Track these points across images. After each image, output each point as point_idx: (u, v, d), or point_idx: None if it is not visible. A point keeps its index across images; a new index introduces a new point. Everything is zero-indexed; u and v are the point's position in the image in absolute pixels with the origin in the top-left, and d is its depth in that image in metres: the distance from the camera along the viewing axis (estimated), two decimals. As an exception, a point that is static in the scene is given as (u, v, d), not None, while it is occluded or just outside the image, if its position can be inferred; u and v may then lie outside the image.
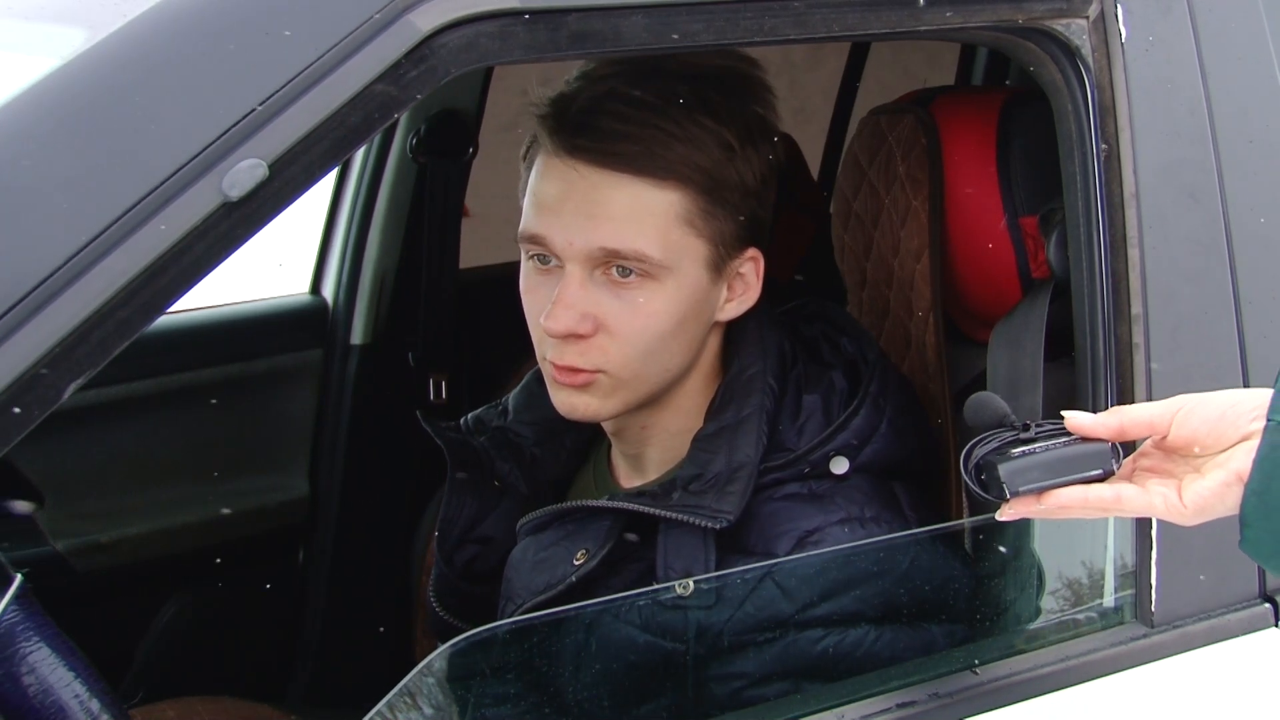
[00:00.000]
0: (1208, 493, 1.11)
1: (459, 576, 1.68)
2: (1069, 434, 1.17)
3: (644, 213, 1.40)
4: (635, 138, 1.40)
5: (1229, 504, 1.11)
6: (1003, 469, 1.15)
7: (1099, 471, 1.15)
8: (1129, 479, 1.17)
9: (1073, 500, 1.16)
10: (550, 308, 1.42)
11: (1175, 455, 1.16)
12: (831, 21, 1.25)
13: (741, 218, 1.46)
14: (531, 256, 1.47)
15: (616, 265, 1.41)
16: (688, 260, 1.43)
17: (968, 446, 1.19)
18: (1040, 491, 1.15)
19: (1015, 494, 1.15)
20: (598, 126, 1.40)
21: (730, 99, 1.45)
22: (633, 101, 1.40)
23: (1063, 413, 1.18)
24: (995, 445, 1.18)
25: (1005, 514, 1.18)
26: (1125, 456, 1.18)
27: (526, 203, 1.47)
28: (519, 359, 2.02)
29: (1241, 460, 1.09)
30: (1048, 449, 1.16)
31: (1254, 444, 1.08)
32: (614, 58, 1.42)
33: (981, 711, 1.32)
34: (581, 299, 1.42)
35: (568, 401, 1.47)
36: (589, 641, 1.33)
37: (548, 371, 1.48)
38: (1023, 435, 1.18)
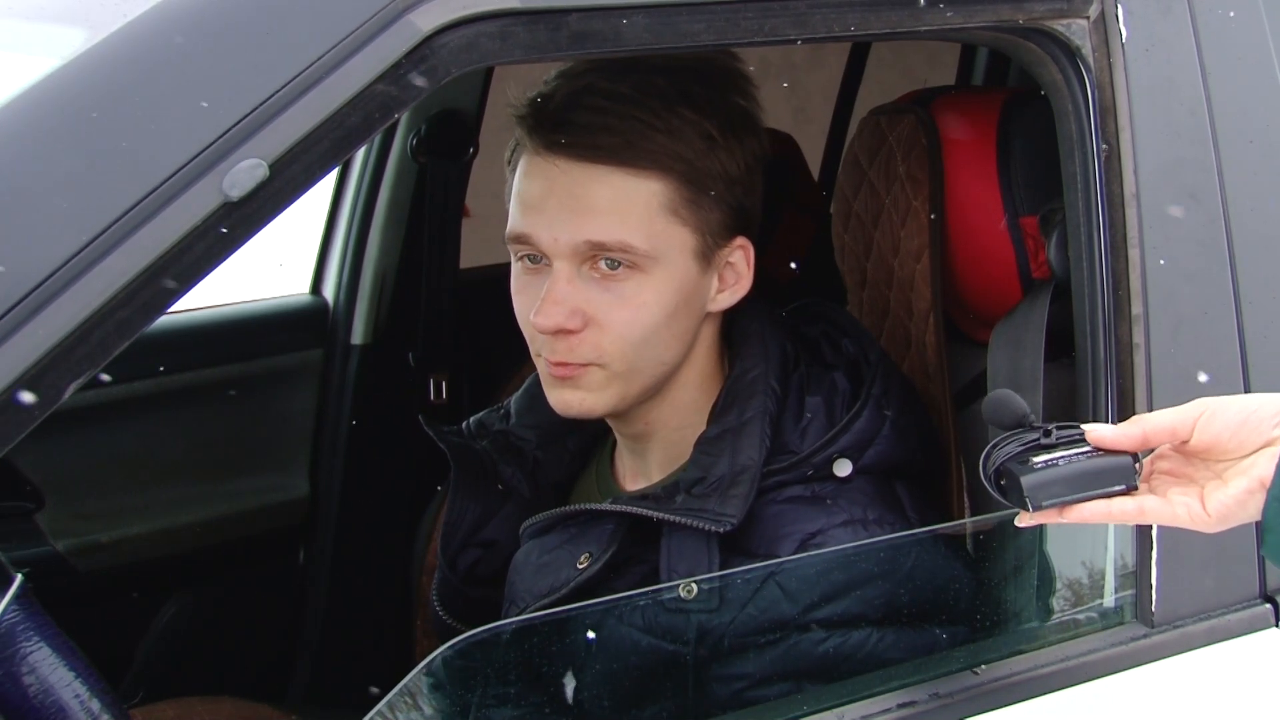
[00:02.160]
0: (1231, 500, 1.10)
1: (462, 580, 1.68)
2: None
3: (627, 204, 1.41)
4: (614, 129, 1.40)
5: (1251, 511, 1.10)
6: (1026, 482, 1.13)
7: (1122, 487, 1.14)
8: (1147, 480, 1.16)
9: (1096, 513, 1.15)
10: (539, 304, 1.42)
11: (1195, 459, 1.15)
12: (832, 22, 1.25)
13: (727, 207, 1.46)
14: (520, 257, 1.47)
15: (604, 258, 1.42)
16: (674, 250, 1.44)
17: (987, 449, 1.18)
18: (1063, 505, 1.15)
19: (1039, 508, 1.14)
20: (576, 121, 1.41)
21: (710, 91, 1.46)
22: (610, 95, 1.41)
23: (1083, 426, 1.16)
24: (1015, 450, 1.16)
25: (1025, 521, 1.17)
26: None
27: (512, 204, 1.47)
28: (519, 359, 2.02)
29: (1265, 466, 1.09)
30: (1070, 460, 1.14)
31: (1277, 449, 1.08)
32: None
33: (982, 711, 1.32)
34: (570, 295, 1.42)
35: (562, 398, 1.47)
36: (591, 643, 1.33)
37: (542, 369, 1.49)
38: (1043, 441, 1.16)
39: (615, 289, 1.43)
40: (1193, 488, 1.14)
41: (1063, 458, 1.15)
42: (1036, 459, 1.15)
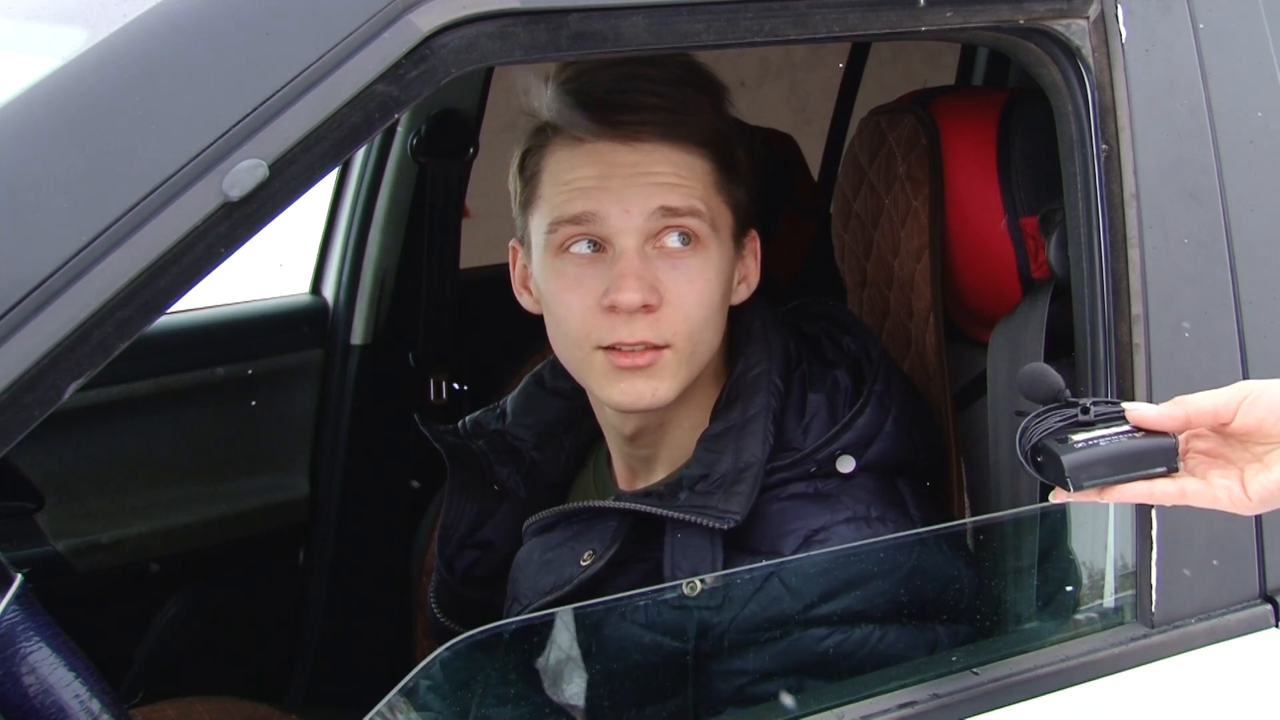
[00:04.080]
0: (1273, 484, 1.11)
1: (459, 582, 1.67)
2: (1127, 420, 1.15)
3: (689, 175, 1.44)
4: (667, 109, 1.43)
5: None
6: (1068, 461, 1.12)
7: (1164, 469, 1.14)
8: (1182, 459, 1.16)
9: (1136, 494, 1.15)
10: (617, 282, 1.41)
11: (1233, 441, 1.15)
12: (832, 22, 1.25)
13: (747, 193, 1.50)
14: (568, 248, 1.45)
15: (675, 232, 1.43)
16: (723, 228, 1.47)
17: (1024, 422, 1.17)
18: (1104, 486, 1.14)
19: (1080, 488, 1.13)
20: (629, 103, 1.43)
21: (711, 84, 1.50)
22: (653, 78, 1.44)
23: (1124, 404, 1.16)
24: (1054, 426, 1.15)
25: (1060, 498, 1.17)
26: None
27: (556, 196, 1.45)
28: (519, 359, 2.03)
29: None
30: (1111, 441, 1.13)
31: None
32: None
33: (982, 712, 1.32)
34: (645, 271, 1.42)
35: (633, 390, 1.44)
36: (593, 641, 1.33)
37: (601, 365, 1.45)
38: (1081, 418, 1.15)
39: (682, 266, 1.43)
40: (1231, 470, 1.14)
41: (1104, 437, 1.13)
42: (1076, 437, 1.14)
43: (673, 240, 1.43)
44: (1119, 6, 1.37)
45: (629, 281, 1.40)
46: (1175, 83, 1.40)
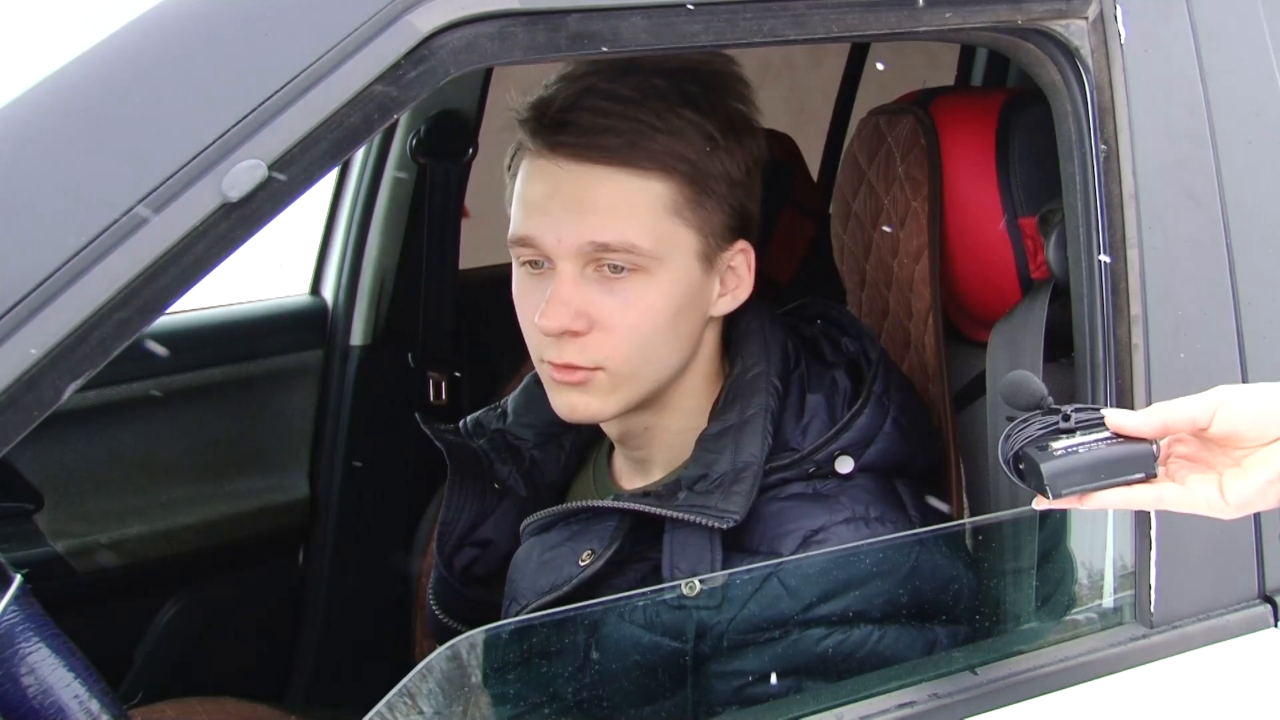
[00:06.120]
0: (1251, 490, 1.12)
1: (458, 580, 1.68)
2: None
3: (631, 204, 1.41)
4: (617, 130, 1.40)
5: (1271, 499, 1.12)
6: (1046, 469, 1.14)
7: (1142, 475, 1.15)
8: (1164, 464, 1.17)
9: (1115, 500, 1.16)
10: (544, 306, 1.42)
11: (1213, 446, 1.16)
12: (831, 22, 1.25)
13: (729, 208, 1.46)
14: (524, 262, 1.47)
15: (608, 263, 1.41)
16: (678, 252, 1.43)
17: (1005, 431, 1.18)
18: (1083, 493, 1.15)
19: (1059, 495, 1.14)
20: (578, 122, 1.41)
21: (709, 92, 1.46)
22: (612, 96, 1.41)
23: (1103, 411, 1.17)
24: (1034, 434, 1.17)
25: (1042, 506, 1.18)
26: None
27: (514, 208, 1.47)
28: (519, 359, 2.03)
29: None
30: (1091, 448, 1.15)
31: None
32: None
33: (981, 712, 1.32)
34: (574, 296, 1.42)
35: (568, 403, 1.47)
36: (592, 641, 1.33)
37: (545, 374, 1.48)
38: (1062, 425, 1.16)
39: (620, 291, 1.42)
40: (1210, 475, 1.15)
41: (1083, 444, 1.15)
42: (1056, 444, 1.15)
43: (609, 268, 1.42)
44: (1118, 7, 1.37)
45: (552, 308, 1.41)
46: (1175, 83, 1.40)
